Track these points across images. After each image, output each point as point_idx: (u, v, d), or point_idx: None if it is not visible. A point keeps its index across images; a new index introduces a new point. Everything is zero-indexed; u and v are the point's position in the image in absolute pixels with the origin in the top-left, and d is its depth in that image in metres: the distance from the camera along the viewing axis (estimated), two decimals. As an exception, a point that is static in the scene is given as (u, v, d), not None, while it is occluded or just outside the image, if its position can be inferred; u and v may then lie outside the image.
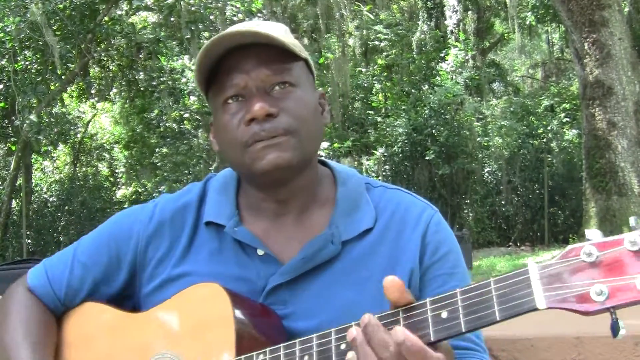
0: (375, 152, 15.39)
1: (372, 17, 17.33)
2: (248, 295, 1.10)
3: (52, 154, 17.98)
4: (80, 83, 14.82)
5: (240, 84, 1.07)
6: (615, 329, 0.79)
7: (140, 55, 13.95)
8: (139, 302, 1.19)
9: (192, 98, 15.26)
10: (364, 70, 17.53)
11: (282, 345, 0.97)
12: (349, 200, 1.16)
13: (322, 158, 1.26)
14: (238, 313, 1.03)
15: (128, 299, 1.21)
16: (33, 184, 16.42)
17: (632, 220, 0.80)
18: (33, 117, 11.80)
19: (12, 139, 14.50)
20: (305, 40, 16.48)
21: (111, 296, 1.21)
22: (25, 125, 11.88)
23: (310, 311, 1.08)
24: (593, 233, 0.82)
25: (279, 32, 1.11)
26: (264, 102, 1.05)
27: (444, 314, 0.85)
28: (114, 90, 16.16)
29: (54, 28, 12.17)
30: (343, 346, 0.91)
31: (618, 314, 0.79)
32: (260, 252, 1.11)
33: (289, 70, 1.09)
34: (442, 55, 16.71)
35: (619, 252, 0.78)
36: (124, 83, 15.42)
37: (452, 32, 18.04)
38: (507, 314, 0.82)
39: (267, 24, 1.13)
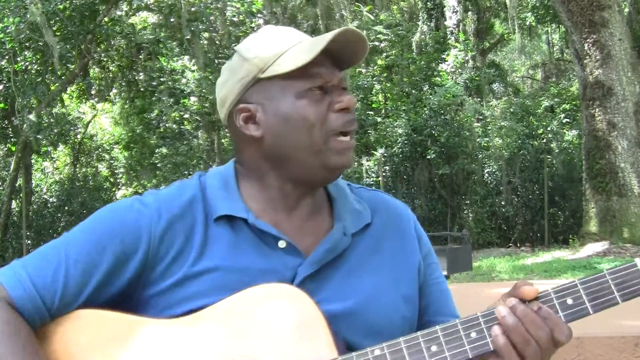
0: (375, 152, 15.39)
1: (372, 17, 17.33)
2: None
3: (52, 155, 17.99)
4: (80, 84, 14.82)
5: (327, 79, 1.14)
6: None
7: (140, 56, 13.96)
8: (139, 304, 1.10)
9: (192, 99, 15.27)
10: (363, 70, 17.53)
11: (401, 339, 1.01)
12: (343, 197, 1.23)
13: None
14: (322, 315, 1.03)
15: (119, 303, 1.10)
16: (33, 185, 16.42)
17: None
18: (33, 117, 11.80)
19: (12, 140, 14.50)
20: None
21: (105, 300, 1.09)
22: (25, 125, 11.88)
23: (339, 295, 1.13)
24: None
25: None
26: (350, 95, 1.15)
27: (570, 301, 1.00)
28: (114, 90, 16.17)
29: (54, 29, 12.18)
30: (473, 334, 1.01)
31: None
32: (282, 244, 1.12)
33: (345, 77, 1.21)
34: (443, 56, 16.71)
35: None
36: (123, 84, 15.43)
37: (452, 32, 18.04)
38: (627, 297, 1.00)
39: None
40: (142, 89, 14.68)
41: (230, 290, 1.06)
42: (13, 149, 14.13)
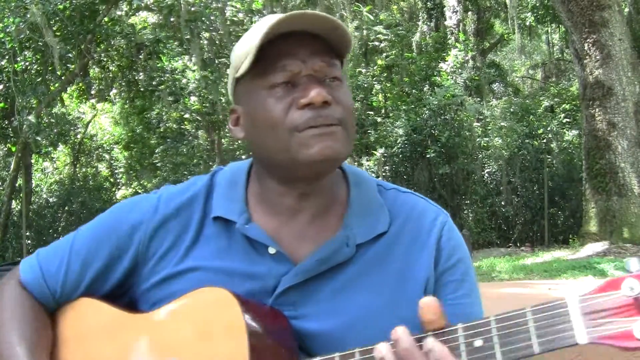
0: (375, 152, 15.39)
1: (372, 17, 17.33)
2: (258, 294, 1.07)
3: (52, 155, 17.98)
4: (80, 84, 14.83)
5: (294, 71, 1.03)
6: None
7: (140, 56, 13.96)
8: (137, 298, 1.14)
9: (193, 98, 15.26)
10: (363, 70, 17.54)
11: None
12: (363, 202, 1.13)
13: None
14: (250, 323, 0.98)
15: (123, 294, 1.15)
16: (33, 185, 16.42)
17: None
18: (32, 118, 11.80)
19: (12, 140, 14.49)
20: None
21: (107, 291, 1.15)
22: (24, 126, 11.89)
23: (323, 313, 1.05)
24: (633, 263, 0.80)
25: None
26: (320, 89, 1.02)
27: (478, 342, 0.84)
28: (114, 90, 16.17)
29: (54, 29, 12.18)
30: None
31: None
32: (272, 250, 1.07)
33: (336, 65, 1.08)
34: (443, 55, 16.71)
35: None
36: (123, 83, 15.43)
37: (452, 32, 18.05)
38: (546, 347, 0.80)
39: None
40: (142, 89, 14.68)
41: None
42: (13, 149, 14.13)
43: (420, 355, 0.86)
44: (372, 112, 16.74)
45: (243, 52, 1.07)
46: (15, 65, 12.18)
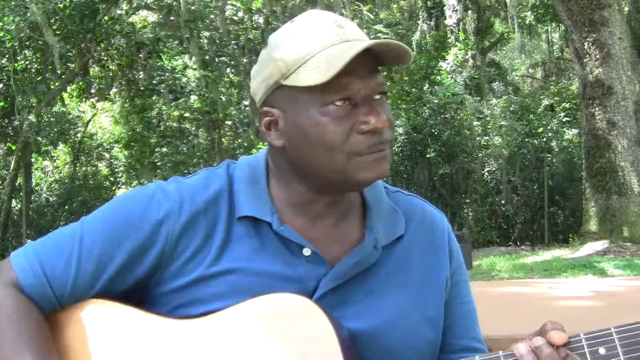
0: (375, 151, 15.37)
1: (372, 16, 17.32)
2: None
3: (52, 154, 17.98)
4: (80, 83, 14.82)
5: (355, 89, 1.00)
6: None
7: (140, 55, 13.96)
8: (151, 300, 1.05)
9: (193, 97, 15.26)
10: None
11: None
12: (379, 205, 1.13)
13: None
14: (337, 331, 0.96)
15: (132, 295, 1.06)
16: (33, 184, 16.43)
17: None
18: (32, 117, 11.80)
19: (12, 139, 14.50)
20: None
21: (122, 293, 1.05)
22: (24, 125, 11.88)
23: (359, 314, 1.05)
24: None
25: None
26: (382, 114, 1.01)
27: (602, 351, 0.89)
28: (114, 89, 16.16)
29: (54, 28, 12.18)
30: None
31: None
32: (306, 252, 1.04)
33: (382, 78, 1.06)
34: (443, 54, 16.71)
35: None
36: (123, 82, 15.42)
37: (452, 31, 18.04)
38: None
39: (350, 22, 1.07)
40: (142, 88, 14.68)
41: (248, 294, 1.00)
42: (13, 147, 14.13)
43: (558, 358, 0.91)
44: (372, 111, 16.70)
45: (296, 56, 1.00)
46: (15, 64, 12.18)
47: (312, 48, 1.00)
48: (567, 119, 15.88)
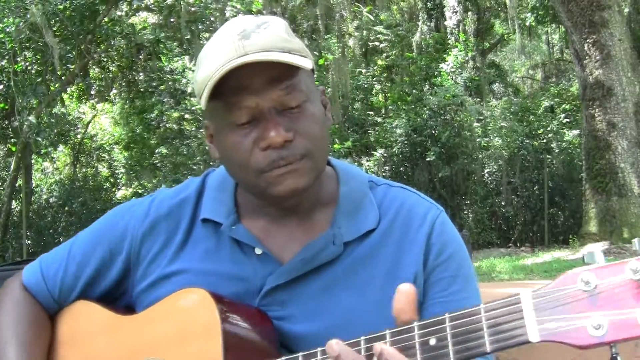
0: (375, 153, 15.39)
1: (372, 18, 17.34)
2: (244, 295, 1.06)
3: (52, 155, 17.98)
4: (80, 84, 14.82)
5: (251, 106, 0.99)
6: None
7: (140, 56, 13.96)
8: (133, 301, 1.16)
9: (193, 99, 15.26)
10: (363, 71, 17.54)
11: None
12: (352, 199, 1.11)
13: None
14: (226, 323, 0.97)
15: (121, 297, 1.18)
16: (33, 185, 16.42)
17: (635, 243, 0.73)
18: (32, 118, 11.80)
19: (12, 140, 14.50)
20: (305, 41, 16.48)
21: (103, 294, 1.18)
22: (25, 126, 11.88)
23: (310, 314, 1.04)
24: (591, 254, 0.74)
25: (281, 34, 1.01)
26: (279, 128, 0.98)
27: (432, 341, 0.80)
28: (114, 91, 16.16)
29: (54, 29, 12.18)
30: None
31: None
32: (258, 251, 1.07)
33: (298, 84, 1.01)
34: (443, 55, 16.72)
35: (620, 281, 0.71)
36: (123, 84, 15.42)
37: (452, 32, 18.05)
38: (497, 346, 0.75)
39: (267, 30, 1.01)
40: (142, 89, 14.68)
41: None
42: (13, 149, 14.13)
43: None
44: (372, 112, 16.75)
45: (200, 80, 1.02)
46: (15, 66, 12.18)
47: (209, 70, 0.99)
48: (567, 120, 15.89)
